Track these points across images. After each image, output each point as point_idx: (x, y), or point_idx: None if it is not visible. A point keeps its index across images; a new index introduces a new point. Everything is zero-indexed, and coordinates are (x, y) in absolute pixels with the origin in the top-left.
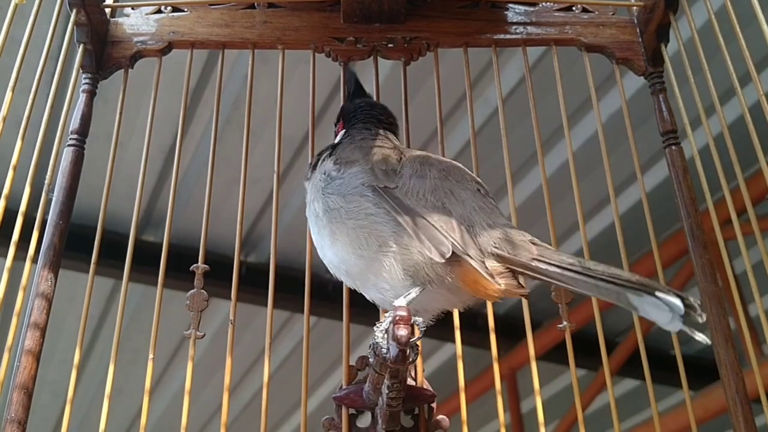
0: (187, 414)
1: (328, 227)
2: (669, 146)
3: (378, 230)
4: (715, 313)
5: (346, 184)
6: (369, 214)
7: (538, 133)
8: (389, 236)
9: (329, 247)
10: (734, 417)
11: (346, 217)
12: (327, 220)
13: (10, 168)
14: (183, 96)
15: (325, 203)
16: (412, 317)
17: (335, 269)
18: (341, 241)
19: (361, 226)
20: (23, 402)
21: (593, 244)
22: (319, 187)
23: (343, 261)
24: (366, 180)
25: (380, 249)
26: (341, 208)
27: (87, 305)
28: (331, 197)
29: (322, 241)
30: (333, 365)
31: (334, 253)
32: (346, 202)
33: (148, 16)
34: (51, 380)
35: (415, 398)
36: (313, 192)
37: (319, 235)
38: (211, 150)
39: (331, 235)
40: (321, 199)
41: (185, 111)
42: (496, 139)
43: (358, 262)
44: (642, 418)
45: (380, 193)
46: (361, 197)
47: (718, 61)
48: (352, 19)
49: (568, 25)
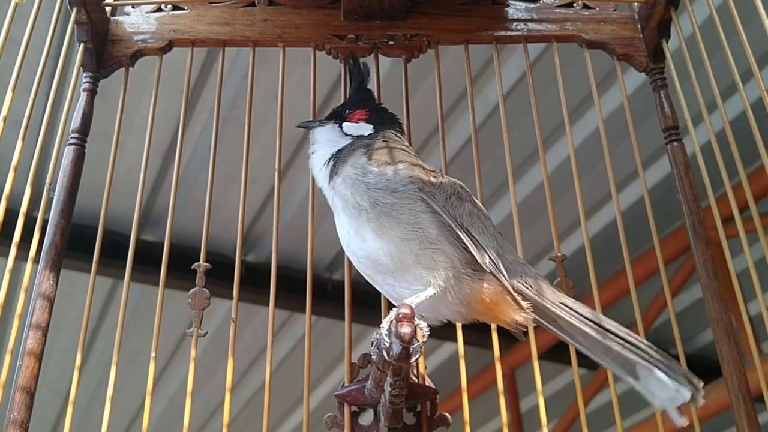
0: (189, 414)
1: (376, 221)
2: (670, 142)
3: (428, 229)
4: (717, 309)
5: (395, 181)
6: (419, 212)
7: (539, 129)
8: (437, 237)
9: (374, 239)
10: (737, 413)
11: (397, 213)
12: (376, 213)
13: (11, 168)
14: (183, 94)
15: (372, 197)
16: (415, 316)
17: (370, 261)
18: (392, 234)
19: (414, 223)
20: (25, 403)
21: (594, 242)
22: (359, 180)
23: (388, 254)
24: (415, 182)
25: (430, 246)
26: (393, 204)
27: (89, 306)
28: (379, 192)
29: (363, 233)
30: (332, 365)
31: (379, 246)
32: (397, 198)
33: (148, 14)
34: (50, 380)
35: (418, 395)
36: (349, 184)
37: (362, 227)
38: (212, 148)
39: (379, 228)
40: (366, 192)
41: (186, 109)
42: (496, 137)
43: (405, 256)
44: (640, 417)
45: (430, 196)
46: (410, 196)
47: (719, 57)
48: (352, 16)
49: (569, 21)
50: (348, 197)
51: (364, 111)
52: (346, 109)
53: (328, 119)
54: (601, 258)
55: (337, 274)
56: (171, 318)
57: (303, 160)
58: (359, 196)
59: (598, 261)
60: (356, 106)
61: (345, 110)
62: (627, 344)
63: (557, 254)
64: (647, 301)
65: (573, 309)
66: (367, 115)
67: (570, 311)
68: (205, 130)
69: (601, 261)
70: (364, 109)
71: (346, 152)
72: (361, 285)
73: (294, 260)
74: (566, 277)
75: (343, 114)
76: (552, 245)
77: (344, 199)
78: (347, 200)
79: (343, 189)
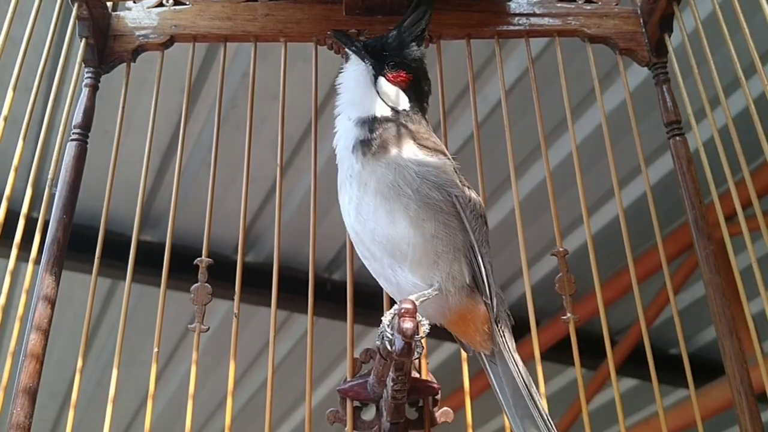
0: (191, 415)
1: (415, 209)
2: (673, 137)
3: (458, 236)
4: (719, 304)
5: (442, 178)
6: (455, 216)
7: (541, 125)
8: (461, 246)
9: (407, 226)
10: (739, 409)
11: (438, 209)
12: (417, 202)
13: (12, 169)
14: (185, 89)
15: (420, 186)
16: (417, 312)
17: (388, 244)
18: (425, 228)
19: (447, 225)
20: (27, 404)
21: (596, 239)
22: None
23: (413, 244)
24: (455, 188)
25: (452, 252)
26: (437, 200)
27: (90, 308)
28: (426, 183)
29: (396, 216)
30: (331, 365)
31: (408, 234)
32: (441, 196)
33: (149, 9)
34: (48, 381)
35: (420, 390)
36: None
37: (396, 211)
38: (214, 144)
39: (417, 217)
40: (414, 180)
41: (188, 104)
42: (497, 135)
43: (428, 251)
44: (641, 417)
45: (464, 210)
46: (452, 198)
47: (722, 52)
48: (354, 11)
49: (571, 16)
50: (389, 177)
51: (408, 74)
52: (391, 60)
53: (366, 54)
54: (600, 258)
55: (336, 274)
56: (170, 318)
57: (302, 160)
58: (403, 180)
59: (598, 260)
60: (400, 65)
61: (389, 60)
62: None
63: (559, 249)
64: (647, 300)
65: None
66: (409, 80)
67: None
68: (204, 130)
69: (600, 261)
70: (408, 72)
71: (391, 130)
72: (362, 284)
73: (293, 260)
74: (568, 272)
75: (384, 63)
76: (553, 243)
77: (383, 177)
78: (387, 180)
79: (383, 168)
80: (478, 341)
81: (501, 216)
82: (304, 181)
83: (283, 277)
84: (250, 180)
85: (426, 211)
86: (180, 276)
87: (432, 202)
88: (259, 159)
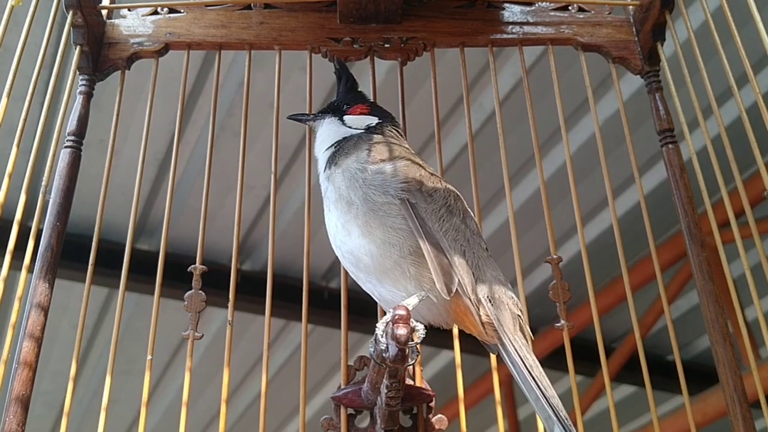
0: (185, 425)
1: (363, 218)
2: (666, 144)
3: (411, 238)
4: (713, 310)
5: (389, 181)
6: (405, 217)
7: (535, 134)
8: (417, 248)
9: (359, 236)
10: (733, 415)
11: (384, 213)
12: (364, 210)
13: (5, 176)
14: (180, 97)
15: (365, 193)
16: (411, 318)
17: (353, 257)
18: (375, 235)
19: (398, 228)
20: (19, 414)
21: (591, 247)
22: (357, 175)
23: (369, 254)
24: (409, 186)
25: (409, 256)
26: (383, 203)
27: (83, 316)
28: (372, 189)
29: (349, 228)
30: (328, 374)
31: (362, 244)
32: (388, 198)
33: (144, 17)
34: (44, 391)
35: (414, 398)
36: (347, 177)
37: (349, 222)
38: (209, 149)
39: (365, 225)
40: (360, 188)
41: (182, 112)
42: (491, 145)
43: (385, 260)
44: (638, 424)
45: (415, 205)
46: (398, 201)
47: (714, 62)
48: (348, 19)
49: (565, 24)
50: (342, 190)
51: (365, 105)
52: (344, 104)
53: (325, 113)
54: (595, 266)
55: (333, 282)
56: (167, 327)
57: (298, 169)
58: (353, 190)
59: (593, 269)
60: (353, 101)
61: (342, 105)
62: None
63: (553, 256)
64: (642, 309)
65: (520, 347)
66: (368, 109)
67: (516, 348)
68: (200, 140)
69: (596, 269)
70: (364, 104)
71: (351, 143)
72: (358, 293)
73: (290, 268)
74: (562, 280)
75: (341, 108)
76: (548, 253)
77: (338, 191)
78: (341, 193)
79: (339, 181)
80: (486, 334)
81: (496, 226)
82: (301, 190)
83: (280, 286)
84: (248, 188)
85: (373, 218)
86: (177, 285)
87: (379, 208)
88: (256, 168)
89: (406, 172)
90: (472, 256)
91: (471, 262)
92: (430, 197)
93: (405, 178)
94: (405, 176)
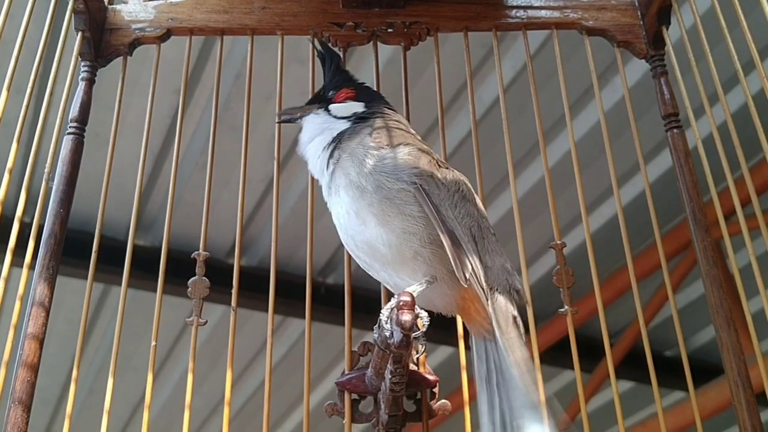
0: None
1: (378, 205)
2: (671, 129)
3: (432, 224)
4: (717, 296)
5: (401, 167)
6: (421, 204)
7: (539, 120)
8: (437, 236)
9: (375, 225)
10: (737, 401)
11: (402, 201)
12: (379, 198)
13: (6, 171)
14: (182, 84)
15: (378, 180)
16: (416, 304)
17: (368, 247)
18: (393, 224)
19: (418, 217)
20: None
21: (595, 237)
22: (366, 160)
23: (387, 243)
24: (421, 172)
25: (429, 245)
26: (398, 190)
27: (85, 315)
28: (384, 176)
29: (364, 217)
30: (326, 369)
31: (379, 233)
32: (400, 186)
33: (146, 2)
34: (39, 387)
35: (418, 383)
36: (356, 163)
37: (362, 210)
38: (211, 135)
39: (382, 214)
40: (371, 174)
41: (184, 99)
42: (494, 134)
43: (404, 250)
44: (637, 419)
45: (430, 192)
46: (412, 188)
47: (721, 48)
48: (351, 4)
49: (569, 8)
50: (352, 176)
51: (350, 89)
52: (329, 91)
53: (311, 105)
54: (598, 258)
55: (330, 278)
56: (162, 324)
57: (295, 164)
58: (363, 177)
59: (596, 260)
60: (338, 86)
61: (327, 92)
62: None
63: (557, 242)
64: (644, 301)
65: (511, 337)
66: (354, 93)
67: (507, 337)
68: (197, 133)
69: (598, 261)
70: (349, 88)
71: (348, 133)
72: (358, 287)
73: (287, 263)
74: (566, 265)
75: (326, 96)
76: (553, 240)
77: (348, 177)
78: (351, 179)
79: (348, 166)
80: (485, 327)
81: (499, 214)
82: (299, 184)
83: (277, 281)
84: (246, 181)
85: (390, 206)
86: (175, 280)
87: (392, 195)
88: (252, 162)
89: (414, 157)
90: (483, 243)
91: (482, 249)
92: (443, 184)
93: (415, 163)
94: (415, 162)
